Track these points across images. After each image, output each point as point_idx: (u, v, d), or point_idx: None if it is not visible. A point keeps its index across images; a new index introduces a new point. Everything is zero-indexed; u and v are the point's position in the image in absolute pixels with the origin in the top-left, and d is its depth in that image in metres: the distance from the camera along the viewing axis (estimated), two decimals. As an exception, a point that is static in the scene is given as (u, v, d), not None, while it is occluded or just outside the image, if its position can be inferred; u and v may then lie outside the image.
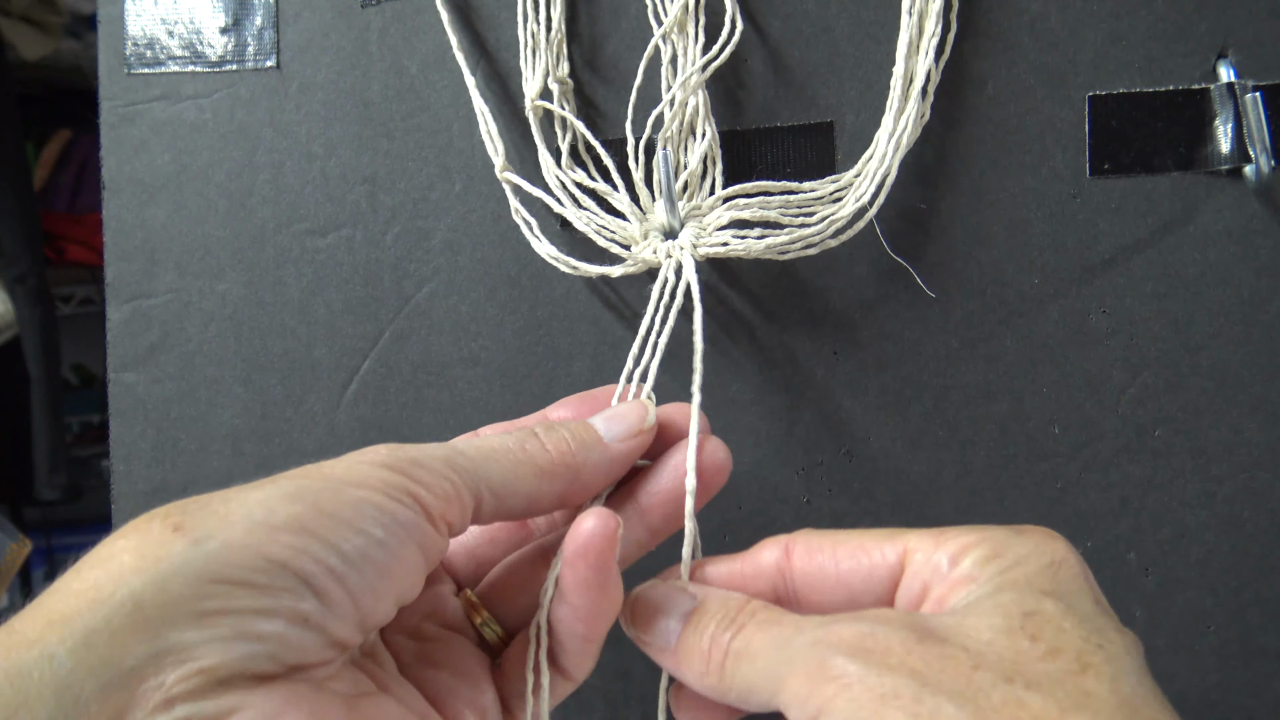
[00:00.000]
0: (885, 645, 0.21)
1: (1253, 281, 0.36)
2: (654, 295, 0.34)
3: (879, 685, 0.20)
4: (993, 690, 0.20)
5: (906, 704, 0.20)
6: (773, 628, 0.24)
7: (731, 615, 0.25)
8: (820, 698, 0.21)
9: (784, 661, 0.23)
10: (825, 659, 0.21)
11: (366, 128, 0.40)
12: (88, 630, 0.19)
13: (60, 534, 1.51)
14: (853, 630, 0.22)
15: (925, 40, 0.35)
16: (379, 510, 0.23)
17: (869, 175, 0.35)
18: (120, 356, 0.41)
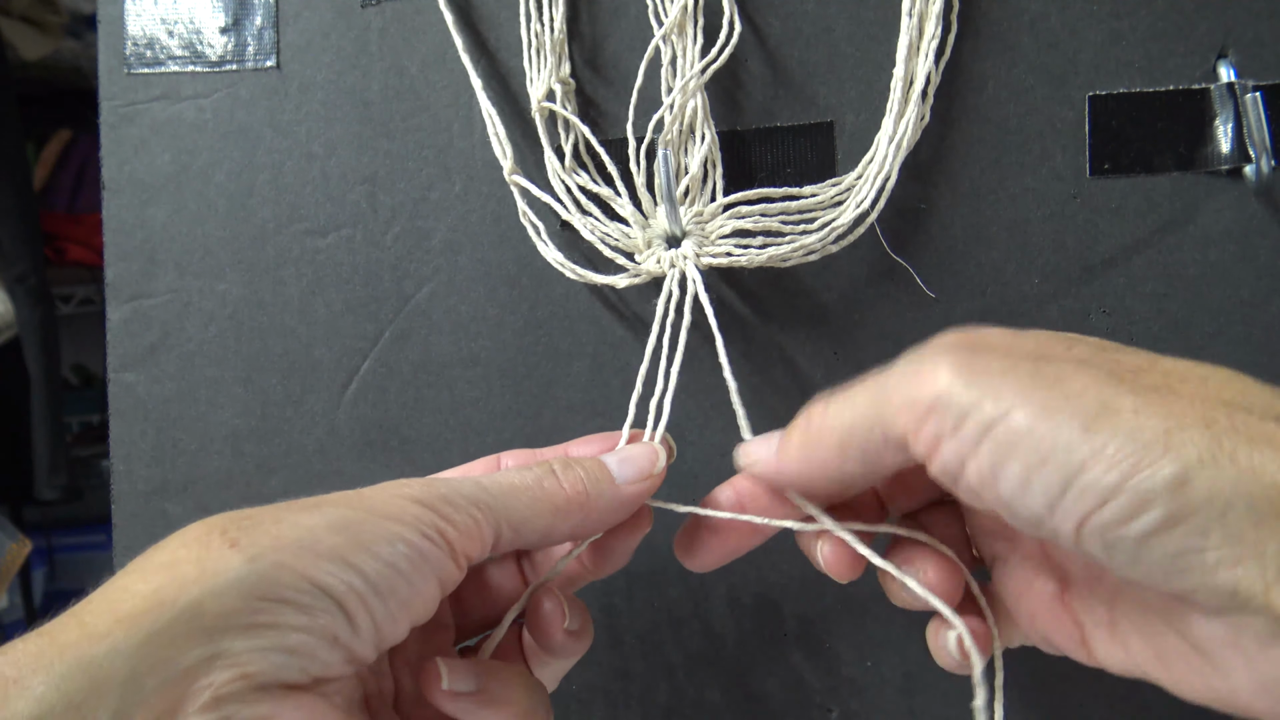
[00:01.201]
0: (988, 339, 0.24)
1: (1253, 281, 0.36)
2: (659, 310, 0.34)
3: (993, 364, 0.23)
4: (1097, 353, 0.23)
5: (1026, 368, 0.22)
6: (864, 385, 0.26)
7: (823, 404, 0.27)
8: (931, 385, 0.23)
9: (881, 390, 0.25)
10: (928, 362, 0.24)
11: (366, 128, 0.40)
12: (152, 631, 0.21)
13: (60, 534, 1.51)
14: (951, 336, 0.25)
15: (925, 42, 0.35)
16: (409, 547, 0.25)
17: (869, 179, 0.35)
18: (120, 356, 0.41)
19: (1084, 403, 0.21)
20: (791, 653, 0.38)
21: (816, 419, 0.27)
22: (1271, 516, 0.19)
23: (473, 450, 0.39)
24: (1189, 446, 0.20)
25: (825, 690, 0.38)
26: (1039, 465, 0.21)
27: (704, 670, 0.39)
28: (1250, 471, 0.20)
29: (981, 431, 0.22)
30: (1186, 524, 0.20)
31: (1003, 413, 0.22)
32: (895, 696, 0.38)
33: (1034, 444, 0.21)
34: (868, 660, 0.38)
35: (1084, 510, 0.21)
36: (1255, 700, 0.22)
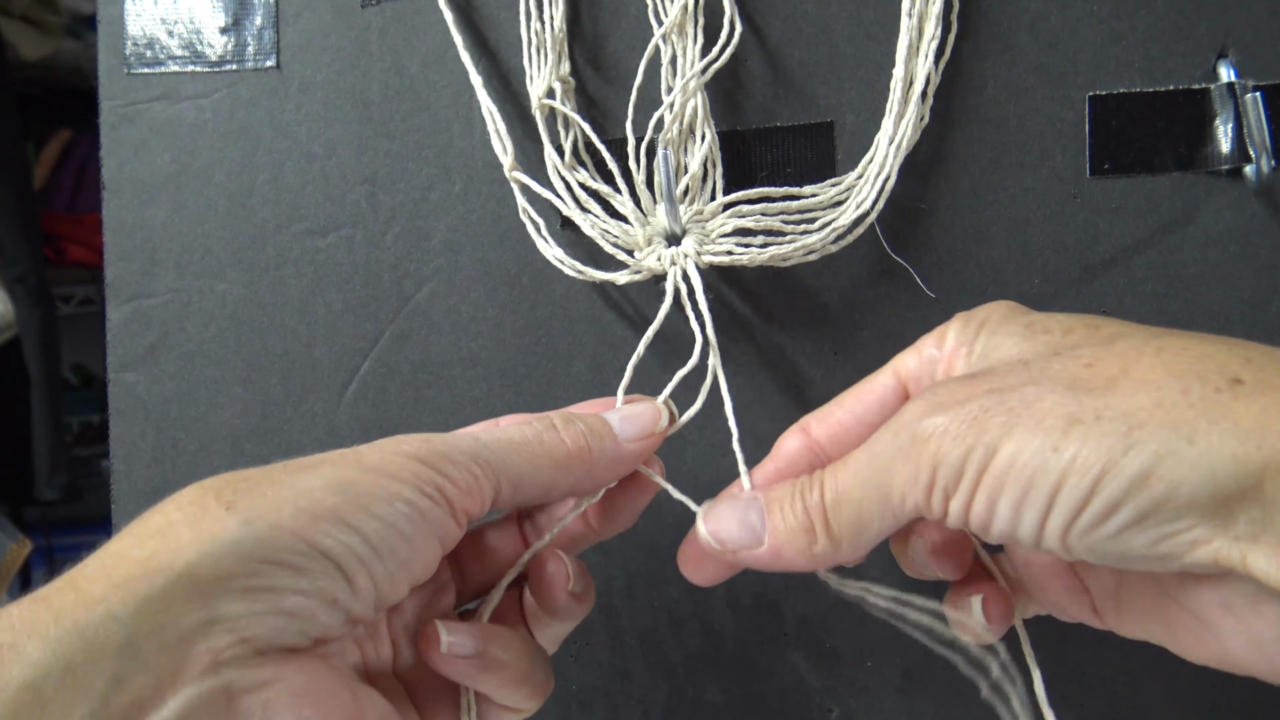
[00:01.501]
0: (951, 393, 0.24)
1: (1253, 281, 0.36)
2: (664, 309, 0.34)
3: (967, 413, 0.23)
4: (1051, 364, 0.23)
5: (995, 408, 0.22)
6: (849, 464, 0.26)
7: (805, 483, 0.27)
8: (926, 456, 0.23)
9: (879, 470, 0.25)
10: (914, 432, 0.24)
11: (366, 128, 0.40)
12: (148, 596, 0.21)
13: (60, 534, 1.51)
14: (919, 405, 0.24)
15: (925, 43, 0.35)
16: (408, 505, 0.25)
17: (869, 179, 0.35)
18: (120, 356, 0.41)
19: (1051, 423, 0.22)
20: (791, 653, 0.38)
21: (819, 523, 0.26)
22: (1233, 493, 0.20)
23: (473, 450, 0.39)
24: (1149, 442, 0.21)
25: (825, 690, 0.38)
26: (1024, 494, 0.22)
27: (704, 670, 0.39)
28: (1209, 452, 0.20)
29: (975, 481, 0.23)
30: (1156, 515, 0.21)
31: (988, 458, 0.22)
32: (895, 696, 0.38)
33: (1017, 476, 0.22)
34: (868, 660, 0.38)
35: (1064, 522, 0.22)
36: (1248, 657, 0.23)
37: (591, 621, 0.39)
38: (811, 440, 0.29)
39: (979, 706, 0.37)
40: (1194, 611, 0.24)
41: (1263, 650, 0.22)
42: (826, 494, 0.26)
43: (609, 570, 0.39)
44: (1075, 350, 0.24)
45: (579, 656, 0.39)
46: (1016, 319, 0.26)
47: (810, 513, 0.26)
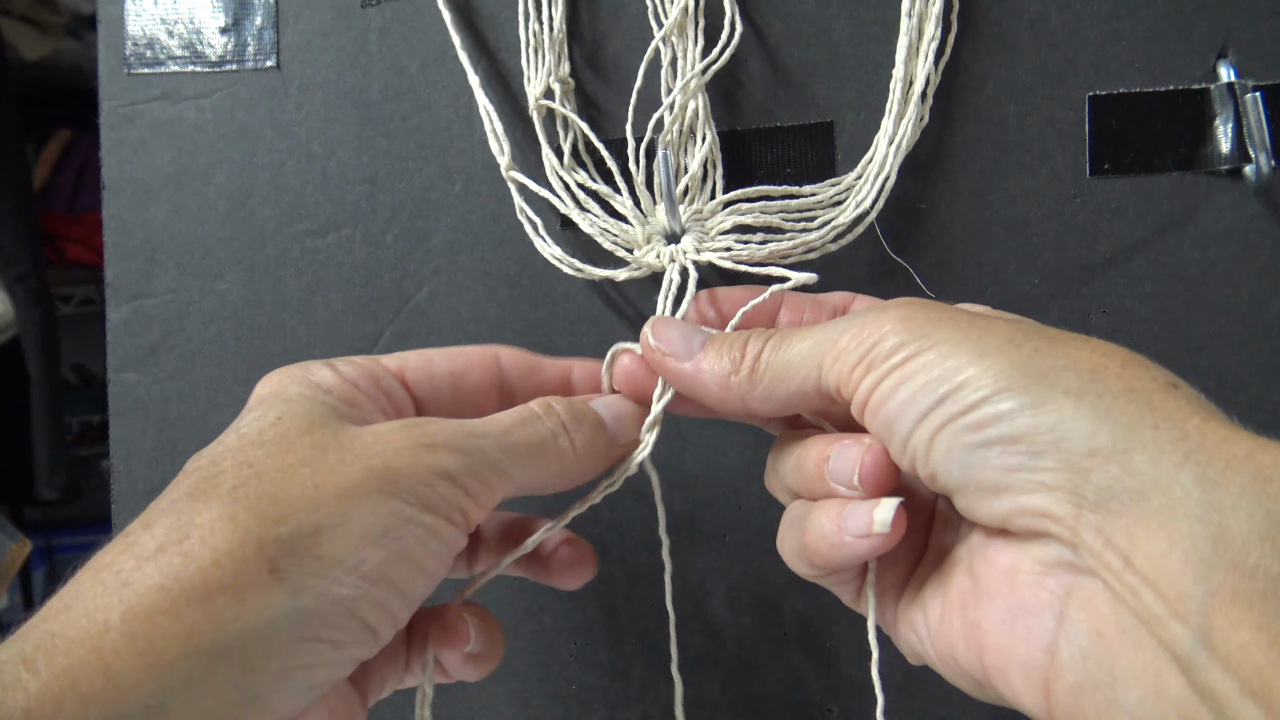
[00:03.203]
0: (937, 304, 0.25)
1: (1253, 281, 0.36)
2: (659, 304, 0.34)
3: (929, 316, 0.24)
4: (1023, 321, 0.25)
5: (958, 321, 0.24)
6: (811, 327, 0.27)
7: (761, 331, 0.28)
8: (877, 332, 0.24)
9: (831, 333, 0.26)
10: (880, 312, 0.25)
11: (366, 128, 0.40)
12: (189, 679, 0.20)
13: (60, 534, 1.51)
14: (900, 299, 0.26)
15: (925, 43, 0.35)
16: (440, 543, 0.25)
17: (869, 179, 0.35)
18: (120, 356, 0.41)
19: (990, 340, 0.23)
20: (791, 653, 0.38)
21: (750, 358, 0.27)
22: (1104, 450, 0.21)
23: (473, 450, 0.39)
24: (1065, 382, 0.22)
25: (825, 690, 0.38)
26: (928, 383, 0.23)
27: (704, 670, 0.39)
28: (1111, 411, 0.21)
29: (897, 364, 0.24)
30: (1026, 442, 0.22)
31: (921, 350, 0.24)
32: (895, 696, 0.38)
33: (931, 368, 0.23)
34: (868, 660, 0.38)
35: (946, 416, 0.23)
36: (994, 636, 0.23)
37: (591, 621, 0.39)
38: (771, 302, 0.32)
39: (979, 707, 0.37)
40: (977, 575, 0.24)
41: (1015, 623, 0.23)
42: (771, 340, 0.27)
43: (609, 570, 0.39)
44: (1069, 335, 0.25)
45: (579, 656, 0.39)
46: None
47: (746, 350, 0.28)
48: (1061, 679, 0.21)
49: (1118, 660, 0.20)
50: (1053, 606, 0.22)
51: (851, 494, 0.26)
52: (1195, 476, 0.20)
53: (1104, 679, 0.21)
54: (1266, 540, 0.18)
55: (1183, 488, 0.20)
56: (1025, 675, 0.22)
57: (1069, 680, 0.21)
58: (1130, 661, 0.20)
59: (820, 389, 0.26)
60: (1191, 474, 0.20)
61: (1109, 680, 0.20)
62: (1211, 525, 0.19)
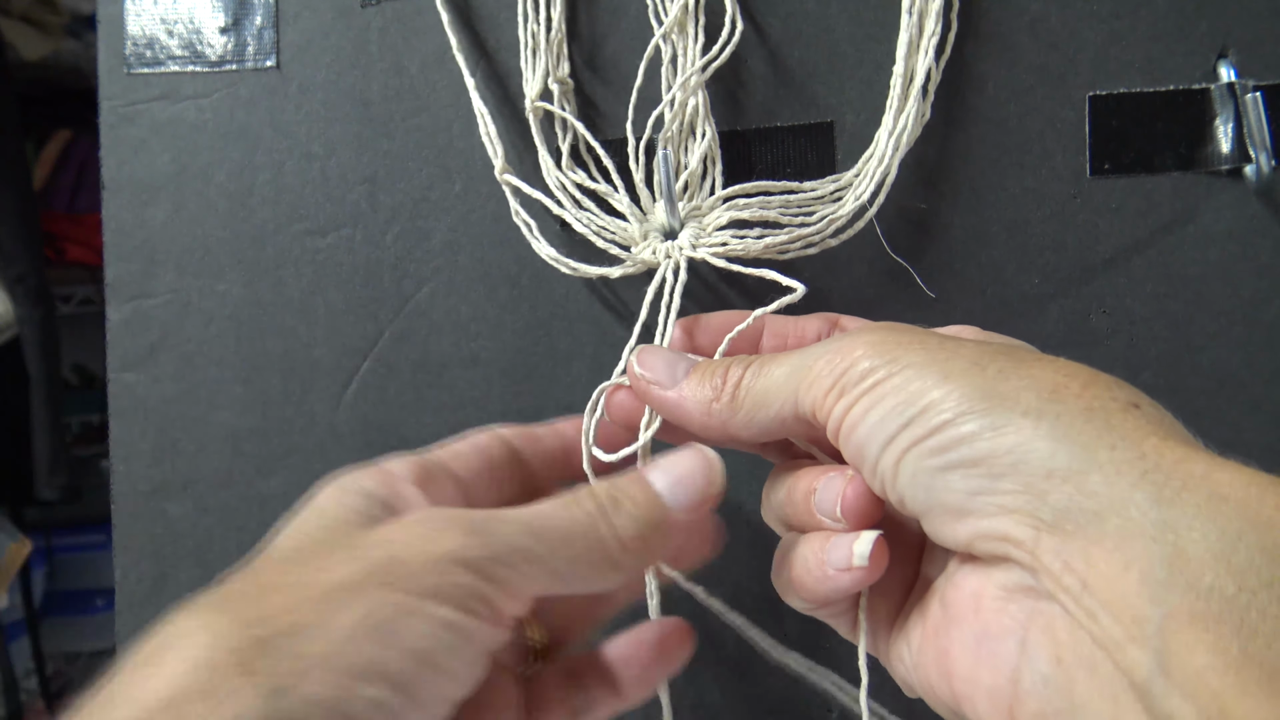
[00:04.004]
0: (908, 327, 0.26)
1: (1253, 281, 0.36)
2: (649, 296, 0.34)
3: (899, 340, 0.24)
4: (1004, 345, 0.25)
5: (927, 344, 0.24)
6: (788, 353, 0.27)
7: (743, 359, 0.28)
8: (849, 357, 0.24)
9: (807, 360, 0.26)
10: (852, 338, 0.25)
11: (366, 128, 0.40)
12: None
13: (60, 534, 1.51)
14: (871, 324, 0.26)
15: (925, 39, 0.35)
16: (453, 634, 0.22)
17: (869, 174, 0.35)
18: (120, 356, 0.41)
19: (956, 363, 0.23)
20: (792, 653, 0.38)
21: (730, 385, 0.27)
22: (1062, 471, 0.20)
23: (473, 450, 0.39)
24: (1022, 402, 0.22)
25: (825, 690, 0.38)
26: (894, 407, 0.23)
27: (704, 670, 0.39)
28: (1069, 432, 0.21)
29: (867, 389, 0.24)
30: (985, 466, 0.21)
31: (889, 375, 0.24)
32: (895, 696, 0.38)
33: (898, 391, 0.23)
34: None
35: (911, 439, 0.23)
36: (960, 663, 0.23)
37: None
38: (754, 327, 0.31)
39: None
40: (947, 602, 0.24)
41: (978, 656, 0.22)
42: (750, 368, 0.27)
43: (609, 570, 0.39)
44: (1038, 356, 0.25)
45: (579, 656, 0.39)
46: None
47: (726, 378, 0.28)
48: (1025, 706, 0.21)
49: (1077, 687, 0.20)
50: (1015, 632, 0.22)
51: (836, 526, 0.26)
52: (1151, 496, 0.19)
53: (1064, 706, 0.20)
54: (1221, 560, 0.18)
55: (1138, 508, 0.19)
56: (991, 702, 0.22)
57: (1032, 708, 0.21)
58: (1089, 688, 0.20)
59: (798, 414, 0.26)
60: (1147, 494, 0.19)
61: (1069, 707, 0.20)
62: (1167, 546, 0.19)
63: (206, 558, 0.40)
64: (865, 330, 0.26)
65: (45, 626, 1.40)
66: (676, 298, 0.33)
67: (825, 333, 0.31)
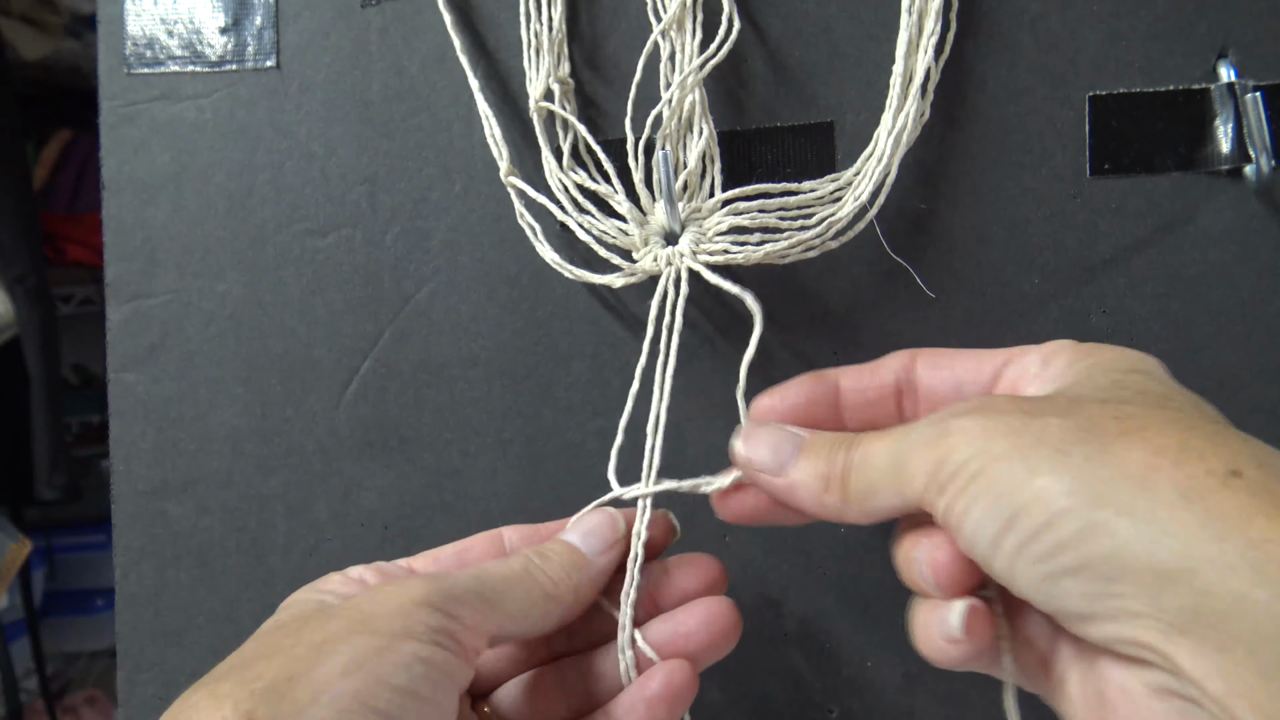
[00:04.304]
0: (994, 403, 0.24)
1: (1253, 281, 0.36)
2: (654, 309, 0.34)
3: (991, 424, 0.23)
4: (1090, 405, 0.23)
5: (1015, 428, 0.23)
6: (888, 434, 0.26)
7: (846, 439, 0.27)
8: (941, 450, 0.24)
9: (905, 450, 0.25)
10: (943, 425, 0.24)
11: (366, 128, 0.40)
12: None
13: (60, 534, 1.51)
14: (963, 405, 0.25)
15: (925, 38, 0.35)
16: (426, 665, 0.25)
17: (868, 174, 0.35)
18: (120, 356, 0.41)
19: (1044, 452, 0.22)
20: (791, 653, 0.38)
21: (837, 477, 0.27)
22: (1171, 572, 0.19)
23: (473, 450, 0.39)
24: (1116, 496, 0.21)
25: (825, 690, 0.38)
26: (993, 506, 0.22)
27: (704, 670, 0.39)
28: (1166, 524, 0.20)
29: (965, 483, 0.23)
30: (1096, 570, 0.21)
31: (983, 467, 0.23)
32: (895, 696, 0.38)
33: (992, 488, 0.22)
34: (868, 660, 0.38)
35: (1017, 544, 0.22)
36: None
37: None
38: (912, 369, 0.29)
39: (978, 707, 0.37)
40: (1100, 684, 0.23)
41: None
42: (855, 455, 0.27)
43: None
44: (1122, 402, 0.23)
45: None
46: (1120, 367, 0.25)
47: (833, 466, 0.27)
48: None
49: None
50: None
51: (937, 595, 0.26)
52: (1273, 594, 0.18)
53: None
54: None
55: (1263, 609, 0.18)
56: None
57: None
58: None
59: (907, 504, 0.26)
60: (1269, 593, 0.18)
61: None
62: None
63: (206, 558, 0.40)
64: (954, 415, 0.24)
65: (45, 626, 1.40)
66: (679, 316, 0.34)
67: (903, 375, 0.29)
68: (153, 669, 0.40)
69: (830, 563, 0.38)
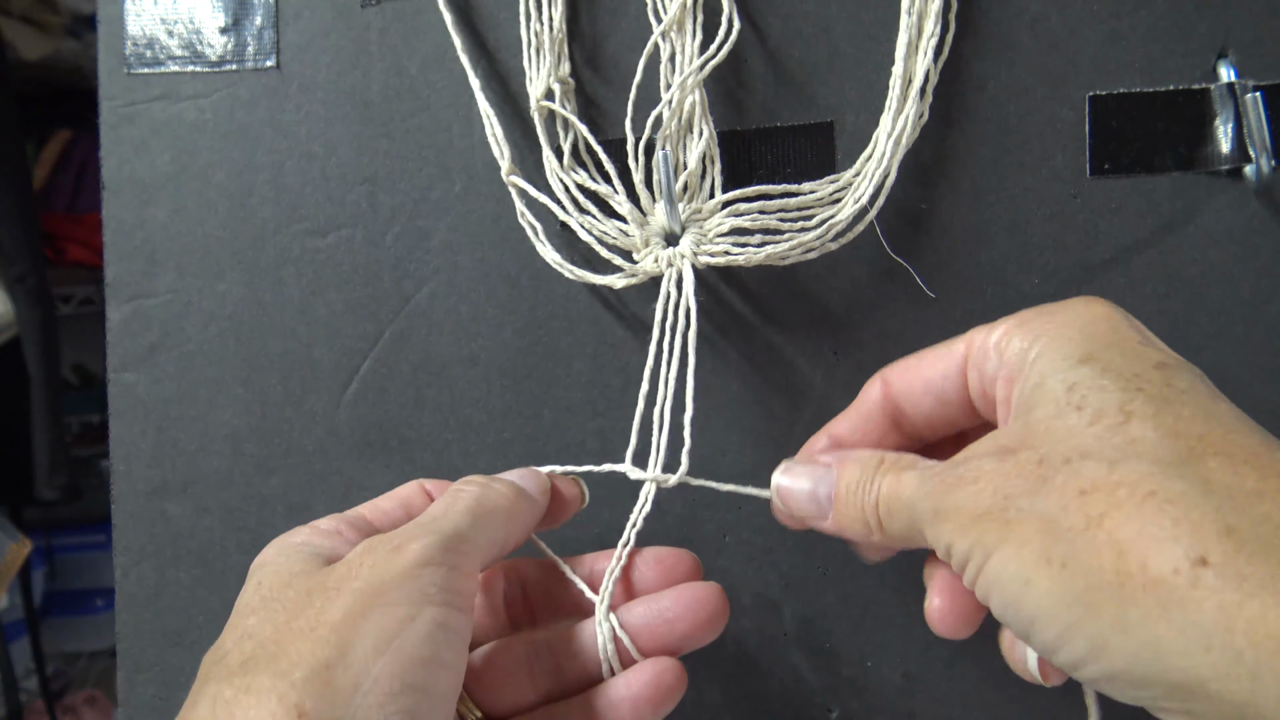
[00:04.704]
0: (975, 474, 0.24)
1: (1253, 281, 0.36)
2: (659, 312, 0.34)
3: (976, 508, 0.23)
4: (1056, 475, 0.22)
5: (996, 514, 0.23)
6: (903, 483, 0.27)
7: (869, 475, 0.28)
8: (945, 535, 0.24)
9: (918, 515, 0.26)
10: (938, 507, 0.25)
11: (366, 128, 0.40)
12: None
13: (60, 534, 1.51)
14: (952, 474, 0.25)
15: (924, 40, 0.35)
16: (446, 631, 0.25)
17: (868, 175, 0.35)
18: (120, 356, 0.41)
19: (1030, 553, 0.22)
20: (791, 653, 0.38)
21: (874, 522, 0.27)
22: (1183, 685, 0.19)
23: (473, 450, 0.39)
24: (1104, 612, 0.20)
25: (825, 690, 0.38)
26: (1006, 611, 0.23)
27: (704, 670, 0.39)
28: (1154, 642, 0.20)
29: (974, 576, 0.24)
30: (1121, 680, 0.21)
31: (983, 561, 0.23)
32: (895, 696, 0.38)
33: (1000, 593, 0.23)
34: (868, 660, 0.38)
35: (1041, 652, 0.23)
36: None
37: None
38: (889, 390, 0.30)
39: (979, 708, 0.37)
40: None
41: None
42: (881, 503, 0.27)
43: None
44: (1085, 460, 0.22)
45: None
46: (1070, 356, 0.24)
47: (866, 510, 0.27)
48: None
49: None
50: None
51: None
52: (1274, 693, 0.18)
53: None
54: None
55: (1273, 709, 0.18)
56: None
57: None
58: None
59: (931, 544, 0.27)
60: (1273, 691, 0.18)
61: None
62: None
63: (206, 558, 0.40)
64: (944, 480, 0.25)
65: (45, 626, 1.40)
66: (689, 316, 0.34)
67: (884, 401, 0.29)
68: (153, 669, 0.40)
69: (830, 563, 0.38)
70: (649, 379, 0.35)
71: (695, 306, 0.34)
